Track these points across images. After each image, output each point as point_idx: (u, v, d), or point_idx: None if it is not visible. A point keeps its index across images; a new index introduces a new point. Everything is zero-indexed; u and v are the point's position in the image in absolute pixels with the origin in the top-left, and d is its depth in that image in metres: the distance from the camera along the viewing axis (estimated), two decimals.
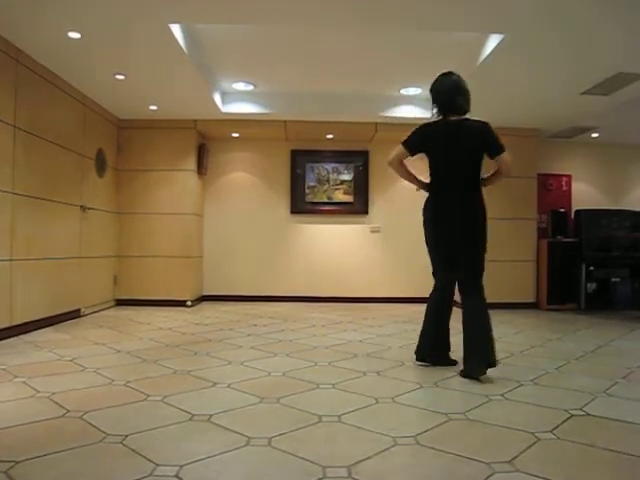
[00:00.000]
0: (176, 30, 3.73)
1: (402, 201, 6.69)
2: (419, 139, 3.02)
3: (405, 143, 3.02)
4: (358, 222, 6.71)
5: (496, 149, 2.91)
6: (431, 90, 3.08)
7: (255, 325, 4.67)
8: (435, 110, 3.05)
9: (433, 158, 3.03)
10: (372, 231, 6.72)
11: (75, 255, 4.89)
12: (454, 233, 2.93)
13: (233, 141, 6.66)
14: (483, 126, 2.94)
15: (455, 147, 2.93)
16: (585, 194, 6.91)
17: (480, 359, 2.75)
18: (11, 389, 2.48)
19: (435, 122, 3.03)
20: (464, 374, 2.81)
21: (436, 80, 3.08)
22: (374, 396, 2.43)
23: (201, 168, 6.26)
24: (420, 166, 3.22)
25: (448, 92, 2.98)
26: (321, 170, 6.71)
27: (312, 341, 3.89)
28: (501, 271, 6.15)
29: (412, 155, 3.04)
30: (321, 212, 6.69)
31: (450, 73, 3.05)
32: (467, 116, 3.02)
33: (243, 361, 3.16)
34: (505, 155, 2.92)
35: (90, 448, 1.77)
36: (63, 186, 4.65)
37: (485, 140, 2.93)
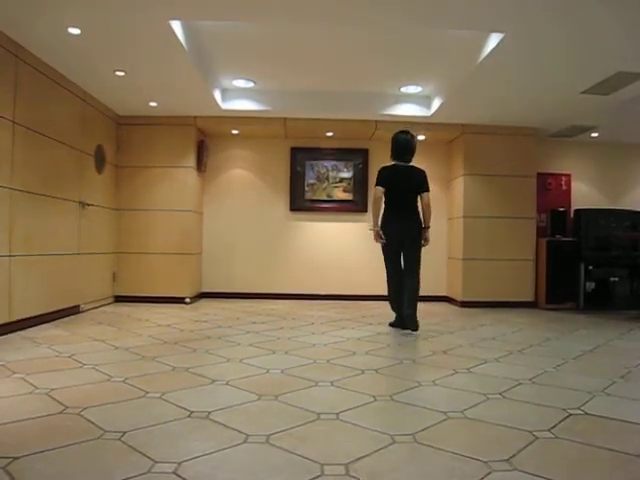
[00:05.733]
0: (176, 27, 3.72)
1: None
2: (384, 178, 4.31)
3: (379, 184, 4.30)
4: (357, 220, 6.70)
5: (425, 188, 4.35)
6: (392, 141, 4.42)
7: (254, 322, 4.67)
8: (391, 155, 4.41)
9: (389, 191, 4.32)
10: (369, 229, 6.69)
11: (74, 251, 4.88)
12: (405, 240, 4.32)
13: (233, 138, 6.66)
14: (421, 172, 4.38)
15: (403, 184, 4.33)
16: (584, 193, 6.91)
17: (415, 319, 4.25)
18: (9, 385, 2.48)
19: (391, 166, 4.39)
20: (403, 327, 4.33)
21: (397, 136, 4.42)
22: (372, 394, 2.43)
23: (200, 165, 6.25)
24: None
25: (403, 147, 4.37)
26: (321, 168, 6.71)
27: (311, 339, 3.89)
28: (500, 270, 6.17)
29: (386, 189, 4.31)
30: (320, 210, 6.68)
31: (406, 132, 4.43)
32: (411, 163, 4.42)
33: (242, 358, 3.16)
34: (429, 194, 4.35)
35: (88, 445, 1.77)
36: (62, 182, 4.64)
37: (420, 181, 4.34)
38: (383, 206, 4.38)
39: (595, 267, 6.24)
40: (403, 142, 4.36)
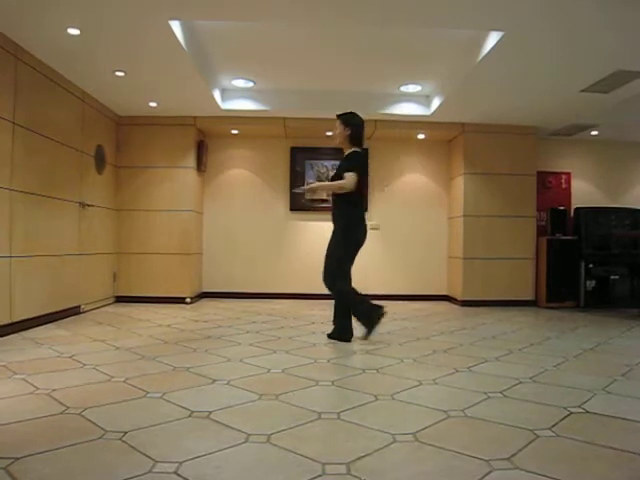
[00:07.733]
0: (176, 27, 3.72)
1: (401, 199, 6.70)
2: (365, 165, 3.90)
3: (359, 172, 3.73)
4: None
5: None
6: (358, 125, 3.82)
7: (254, 322, 4.67)
8: (360, 142, 3.83)
9: (361, 179, 3.78)
10: (371, 228, 6.68)
11: (74, 252, 4.88)
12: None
13: (232, 138, 6.66)
14: None
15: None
16: (585, 192, 6.91)
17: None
18: (11, 386, 2.48)
19: (364, 151, 3.92)
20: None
21: (360, 119, 3.84)
22: (373, 393, 2.44)
23: (200, 165, 6.26)
24: None
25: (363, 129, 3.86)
26: (320, 167, 6.70)
27: (311, 338, 3.90)
28: (500, 269, 6.16)
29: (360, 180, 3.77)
30: (320, 209, 6.67)
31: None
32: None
33: (242, 358, 3.16)
34: None
35: (89, 445, 1.77)
36: (62, 183, 4.64)
37: None
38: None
39: (595, 265, 6.24)
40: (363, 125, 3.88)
